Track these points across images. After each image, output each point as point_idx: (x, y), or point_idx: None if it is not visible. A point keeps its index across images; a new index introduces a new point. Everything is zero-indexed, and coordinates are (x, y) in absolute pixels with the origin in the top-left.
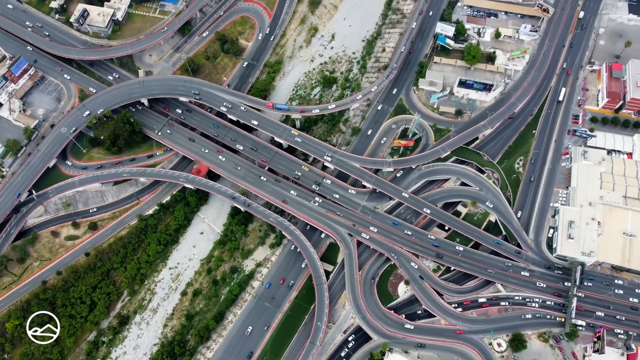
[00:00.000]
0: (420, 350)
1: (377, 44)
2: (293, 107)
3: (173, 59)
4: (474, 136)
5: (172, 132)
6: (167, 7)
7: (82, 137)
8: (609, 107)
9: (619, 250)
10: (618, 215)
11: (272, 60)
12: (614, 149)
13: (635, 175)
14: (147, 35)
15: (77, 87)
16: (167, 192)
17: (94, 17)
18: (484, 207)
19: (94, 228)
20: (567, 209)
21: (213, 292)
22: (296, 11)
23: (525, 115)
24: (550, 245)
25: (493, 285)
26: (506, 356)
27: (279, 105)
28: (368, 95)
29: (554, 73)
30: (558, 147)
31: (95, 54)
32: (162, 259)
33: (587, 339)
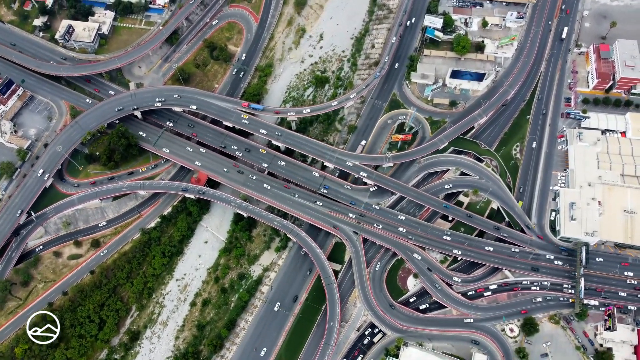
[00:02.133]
0: (435, 342)
1: (366, 40)
2: (268, 108)
3: (163, 70)
4: (470, 126)
5: (168, 142)
6: (153, 17)
7: (77, 154)
8: (599, 87)
9: (621, 228)
10: (617, 194)
11: (263, 64)
12: (608, 129)
13: (630, 153)
14: (135, 47)
15: (68, 104)
16: (168, 204)
17: (79, 33)
18: (486, 195)
19: (97, 245)
20: (567, 191)
21: (222, 301)
22: (282, 13)
23: (518, 101)
24: (553, 228)
25: (501, 272)
26: (519, 341)
27: (254, 105)
28: (343, 102)
29: (542, 58)
30: (553, 131)
31: (83, 70)
32: (168, 271)
33: (597, 318)
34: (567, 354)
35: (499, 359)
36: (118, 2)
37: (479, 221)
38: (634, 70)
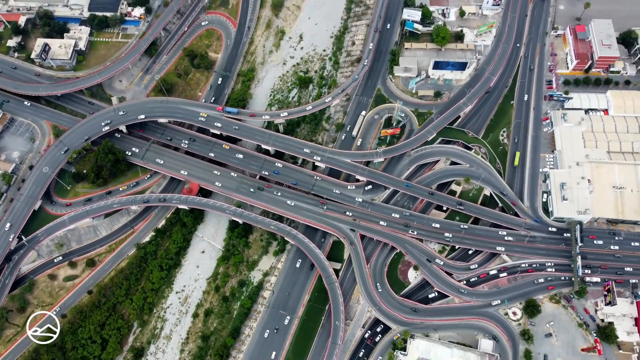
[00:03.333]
0: (441, 332)
1: (346, 38)
2: (243, 111)
3: (144, 82)
4: (456, 115)
5: (157, 154)
6: (130, 30)
7: (64, 173)
8: (579, 68)
9: (612, 204)
10: (605, 171)
11: (245, 69)
12: (591, 108)
13: (614, 130)
14: (114, 62)
15: (50, 124)
16: (161, 216)
17: (56, 51)
18: (478, 182)
19: (92, 264)
20: (557, 172)
21: (225, 309)
22: (260, 16)
23: (500, 87)
24: (546, 210)
25: (499, 257)
26: (523, 323)
27: (228, 109)
28: (318, 107)
29: (521, 43)
30: (537, 114)
31: (63, 88)
32: (168, 284)
33: (596, 294)
34: (570, 331)
35: (505, 343)
36: (93, 17)
37: (476, 210)
38: (611, 48)
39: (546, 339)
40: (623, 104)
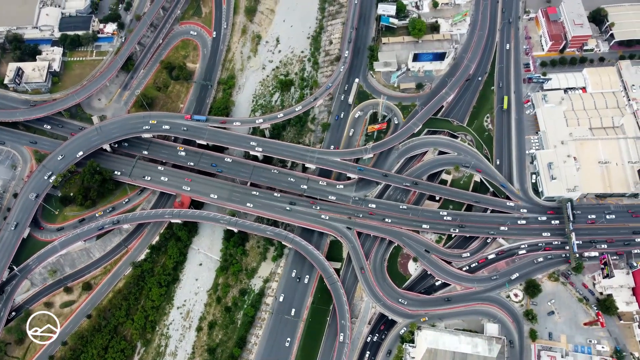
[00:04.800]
0: (446, 320)
1: (323, 37)
2: (212, 118)
3: (123, 98)
4: (439, 105)
5: (144, 170)
6: (104, 46)
7: (50, 198)
8: (554, 49)
9: (599, 178)
10: (590, 147)
11: (225, 77)
12: (569, 87)
13: (594, 107)
14: (90, 80)
15: (31, 149)
16: (155, 232)
17: (29, 74)
18: (469, 170)
19: (89, 288)
20: (543, 153)
21: (228, 320)
22: (235, 23)
23: (480, 74)
24: (536, 190)
25: (495, 241)
26: (525, 304)
27: (196, 117)
28: (289, 115)
29: (496, 29)
30: (519, 97)
31: (41, 111)
32: (168, 301)
33: (592, 268)
34: (571, 307)
35: (510, 324)
36: (65, 37)
37: (467, 196)
38: (583, 27)
39: (549, 317)
40: (600, 80)
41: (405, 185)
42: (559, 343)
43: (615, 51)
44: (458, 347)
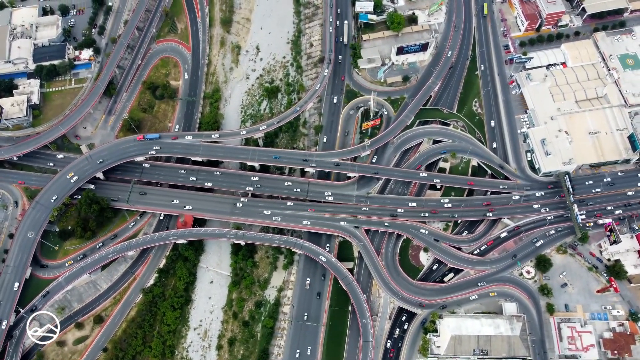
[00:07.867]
0: (465, 306)
1: (303, 41)
2: (165, 134)
3: (109, 124)
4: (428, 95)
5: (141, 195)
6: (82, 73)
7: (48, 234)
8: (530, 28)
9: (591, 149)
10: (578, 120)
11: (209, 91)
12: (550, 64)
13: (576, 80)
14: (73, 110)
15: (20, 187)
16: (161, 256)
17: (8, 110)
18: (467, 155)
19: (100, 321)
20: (534, 130)
21: (248, 334)
22: (212, 36)
23: (462, 60)
24: (533, 167)
25: (500, 222)
26: (538, 280)
27: (149, 136)
28: (265, 129)
29: (472, 14)
30: (503, 79)
31: (26, 147)
32: (184, 323)
33: (598, 237)
34: (582, 277)
35: (526, 302)
36: (40, 68)
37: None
38: (556, 4)
39: (563, 289)
40: (579, 54)
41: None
42: (576, 313)
43: (589, 24)
44: (481, 330)
